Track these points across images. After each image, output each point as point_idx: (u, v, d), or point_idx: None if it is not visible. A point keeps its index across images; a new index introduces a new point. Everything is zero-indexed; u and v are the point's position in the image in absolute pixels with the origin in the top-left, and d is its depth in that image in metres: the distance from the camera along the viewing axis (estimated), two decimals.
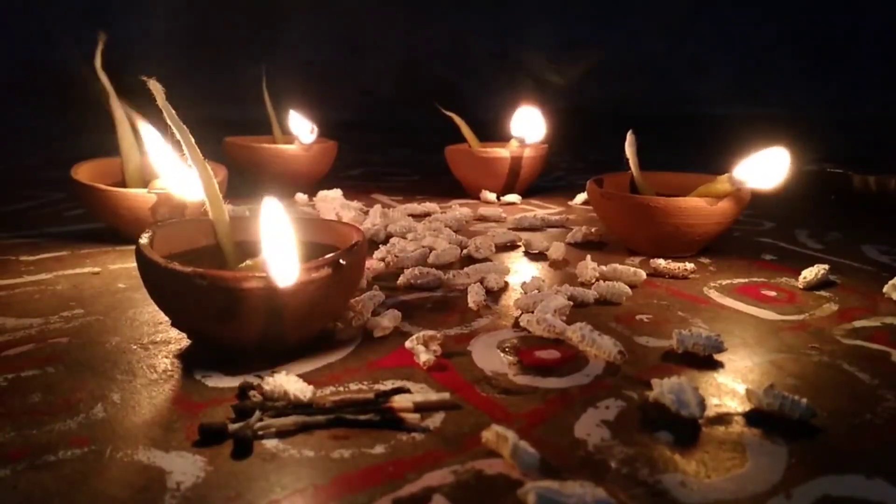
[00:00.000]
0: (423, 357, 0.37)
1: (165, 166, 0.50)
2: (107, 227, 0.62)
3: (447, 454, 0.29)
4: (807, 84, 2.08)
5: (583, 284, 0.51)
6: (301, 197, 0.82)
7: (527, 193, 0.88)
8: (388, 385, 0.35)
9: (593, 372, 0.37)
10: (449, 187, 0.91)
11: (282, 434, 0.30)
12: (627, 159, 0.63)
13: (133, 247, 0.38)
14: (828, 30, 2.11)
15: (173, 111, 0.40)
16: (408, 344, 0.39)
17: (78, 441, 0.30)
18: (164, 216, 0.58)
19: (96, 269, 0.54)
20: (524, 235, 0.64)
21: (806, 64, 2.10)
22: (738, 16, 2.06)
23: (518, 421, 0.32)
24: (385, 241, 0.63)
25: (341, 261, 0.37)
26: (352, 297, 0.43)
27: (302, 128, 0.86)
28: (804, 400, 0.32)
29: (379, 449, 0.29)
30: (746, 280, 0.54)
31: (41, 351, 0.39)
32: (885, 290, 0.51)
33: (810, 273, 0.52)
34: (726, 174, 0.56)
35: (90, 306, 0.46)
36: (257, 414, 0.31)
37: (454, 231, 0.66)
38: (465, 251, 0.59)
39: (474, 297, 0.47)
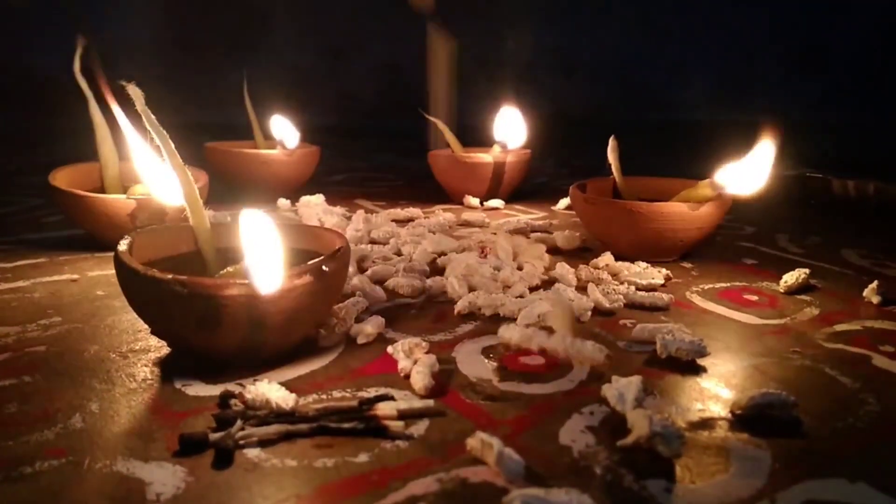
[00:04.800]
0: (402, 363, 0.37)
1: (147, 169, 0.49)
2: (85, 233, 0.61)
3: (432, 462, 0.29)
4: (789, 89, 2.10)
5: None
6: (283, 203, 0.81)
7: (510, 198, 0.88)
8: (371, 392, 0.35)
9: (577, 378, 0.37)
10: (432, 192, 0.91)
11: (264, 443, 0.30)
12: (610, 164, 0.63)
13: (112, 253, 0.38)
14: (809, 35, 2.14)
15: (153, 116, 0.40)
16: (389, 349, 0.39)
17: (55, 452, 0.29)
18: (144, 222, 0.57)
19: (74, 277, 0.53)
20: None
21: (788, 69, 2.12)
22: (720, 21, 2.08)
23: (503, 428, 0.32)
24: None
25: (324, 267, 0.37)
26: (335, 304, 0.43)
27: (286, 132, 0.85)
28: (784, 392, 0.33)
29: (363, 457, 0.29)
30: (728, 284, 0.55)
31: (18, 360, 0.38)
32: (865, 293, 0.51)
33: (791, 277, 0.53)
34: (708, 179, 0.56)
35: (68, 314, 0.45)
36: (239, 423, 0.30)
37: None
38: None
39: (456, 297, 0.47)
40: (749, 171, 0.55)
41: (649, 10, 2.04)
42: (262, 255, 0.36)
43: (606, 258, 0.57)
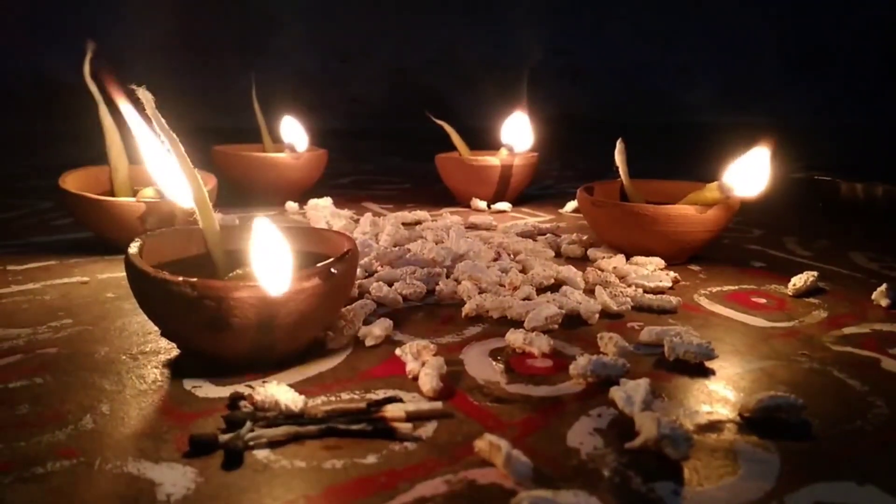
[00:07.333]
0: (410, 365, 0.37)
1: (158, 171, 0.49)
2: (95, 236, 0.61)
3: (440, 464, 0.29)
4: (793, 92, 2.10)
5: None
6: (291, 205, 0.82)
7: (517, 201, 0.88)
8: (379, 394, 0.35)
9: (585, 380, 0.37)
10: (439, 195, 0.91)
11: (273, 444, 0.30)
12: (617, 167, 0.63)
13: (122, 256, 0.38)
14: (814, 38, 2.13)
15: (162, 119, 0.40)
16: (397, 351, 0.39)
17: (67, 452, 0.29)
18: (154, 225, 0.57)
19: (85, 279, 0.54)
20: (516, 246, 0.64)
21: (792, 72, 2.12)
22: (725, 25, 2.08)
23: (511, 430, 0.32)
24: None
25: (332, 270, 0.37)
26: (343, 306, 0.43)
27: (296, 135, 0.86)
28: (792, 395, 0.33)
29: (371, 459, 0.29)
30: (736, 287, 0.54)
31: (29, 361, 0.38)
32: (873, 296, 0.51)
33: (799, 280, 0.53)
34: (715, 182, 0.56)
35: (79, 316, 0.46)
36: (248, 424, 0.31)
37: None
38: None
39: (466, 299, 0.47)
40: (752, 173, 0.55)
41: (654, 14, 2.04)
42: (271, 257, 0.36)
43: (614, 261, 0.57)
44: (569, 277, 0.53)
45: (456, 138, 0.89)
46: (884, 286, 0.51)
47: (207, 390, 0.35)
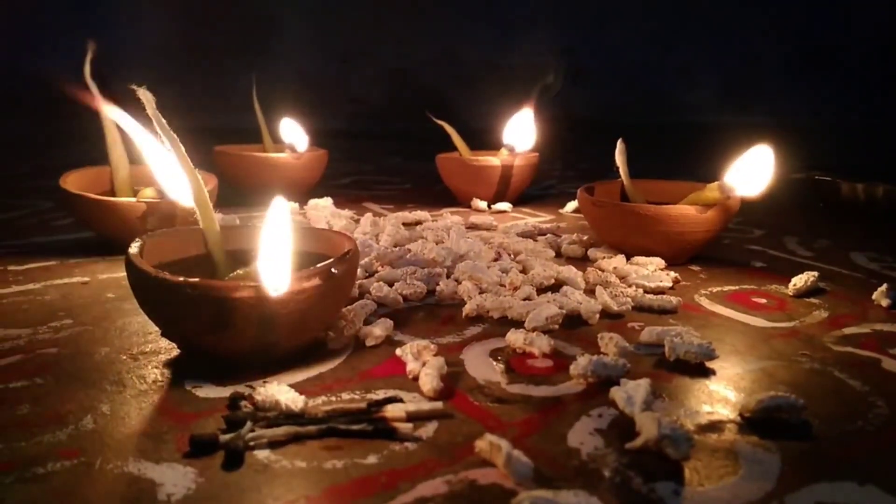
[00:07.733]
0: (410, 366, 0.37)
1: (160, 169, 0.49)
2: (95, 236, 0.61)
3: (440, 464, 0.29)
4: (794, 92, 2.10)
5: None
6: (292, 206, 0.82)
7: (518, 202, 0.88)
8: (380, 394, 0.35)
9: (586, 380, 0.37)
10: (440, 195, 0.91)
11: (273, 445, 0.30)
12: (618, 167, 0.63)
13: (122, 256, 0.38)
14: (814, 38, 2.13)
15: (163, 120, 0.40)
16: (398, 351, 0.39)
17: (67, 453, 0.29)
18: (154, 225, 0.57)
19: (85, 279, 0.54)
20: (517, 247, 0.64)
21: (792, 72, 2.12)
22: (726, 25, 2.08)
23: (511, 430, 0.32)
24: None
25: (333, 270, 0.37)
26: (343, 306, 0.43)
27: (296, 135, 0.86)
28: (793, 396, 0.33)
29: (371, 459, 0.29)
30: (737, 287, 0.54)
31: (30, 362, 0.38)
32: (874, 296, 0.51)
33: (800, 280, 0.53)
34: (716, 182, 0.56)
35: (79, 316, 0.46)
36: (248, 424, 0.31)
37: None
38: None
39: (466, 299, 0.47)
40: (753, 172, 0.55)
41: (655, 14, 2.04)
42: (272, 257, 0.36)
43: (615, 261, 0.57)
44: (569, 277, 0.53)
45: (456, 138, 0.89)
46: (884, 286, 0.51)
47: (208, 390, 0.35)
